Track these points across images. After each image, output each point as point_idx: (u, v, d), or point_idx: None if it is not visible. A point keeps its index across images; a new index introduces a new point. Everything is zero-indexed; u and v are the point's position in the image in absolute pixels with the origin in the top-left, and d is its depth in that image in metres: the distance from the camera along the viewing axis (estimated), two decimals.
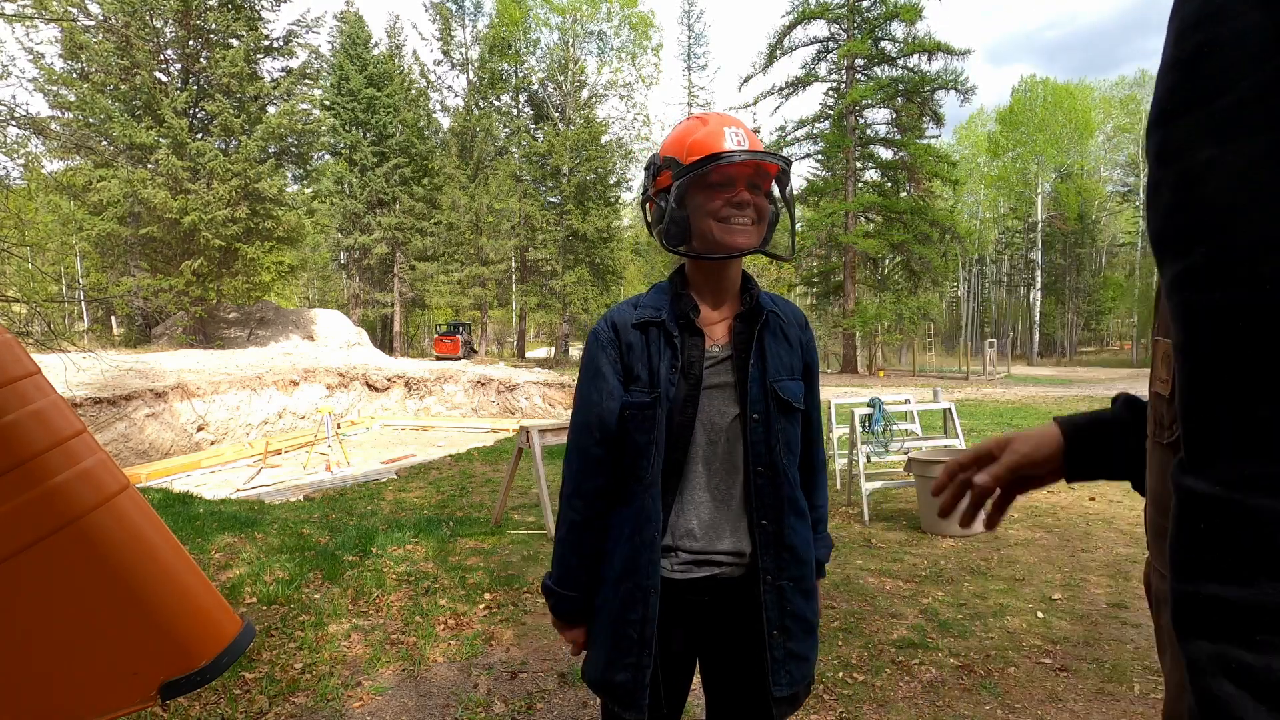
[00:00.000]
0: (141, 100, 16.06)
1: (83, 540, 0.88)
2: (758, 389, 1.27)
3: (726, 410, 1.28)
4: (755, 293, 1.33)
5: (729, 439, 1.28)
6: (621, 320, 1.31)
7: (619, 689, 1.26)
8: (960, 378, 23.17)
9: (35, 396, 0.89)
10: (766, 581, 1.28)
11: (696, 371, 1.27)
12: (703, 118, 1.30)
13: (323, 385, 14.79)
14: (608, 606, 1.29)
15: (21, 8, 10.11)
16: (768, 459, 1.27)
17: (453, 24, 32.57)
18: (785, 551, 1.30)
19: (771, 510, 1.28)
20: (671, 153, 1.29)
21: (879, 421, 5.95)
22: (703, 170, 1.22)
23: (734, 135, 1.25)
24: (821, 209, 26.80)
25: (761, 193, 1.28)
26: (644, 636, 1.24)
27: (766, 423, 1.27)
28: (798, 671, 1.30)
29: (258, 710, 2.67)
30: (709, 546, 1.28)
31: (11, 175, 12.40)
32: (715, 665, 1.37)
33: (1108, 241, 45.96)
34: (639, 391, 1.26)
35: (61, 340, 9.45)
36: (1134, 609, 3.61)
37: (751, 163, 1.24)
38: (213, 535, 4.58)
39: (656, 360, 1.26)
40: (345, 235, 31.24)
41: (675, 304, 1.30)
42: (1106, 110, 40.10)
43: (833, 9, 25.98)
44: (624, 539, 1.27)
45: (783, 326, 1.35)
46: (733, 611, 1.31)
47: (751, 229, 1.26)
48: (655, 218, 1.32)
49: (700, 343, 1.28)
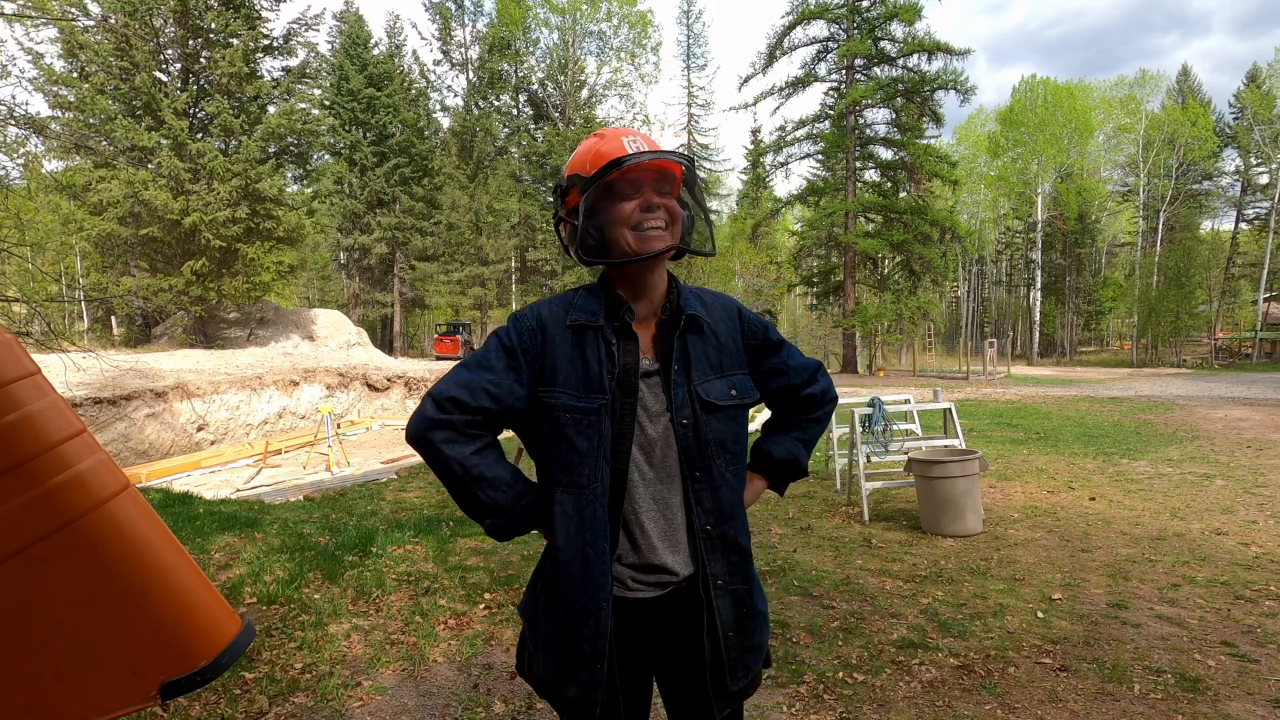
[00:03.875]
0: (141, 101, 16.05)
1: (83, 540, 0.88)
2: (682, 394, 1.27)
3: (658, 417, 1.28)
4: (677, 297, 1.32)
5: (663, 447, 1.27)
6: (552, 317, 1.29)
7: (571, 703, 1.25)
8: (960, 378, 23.17)
9: (35, 397, 0.89)
10: (718, 587, 1.28)
11: (632, 380, 1.26)
12: (600, 134, 1.31)
13: (323, 385, 14.79)
14: (556, 617, 1.26)
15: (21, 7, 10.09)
16: (701, 463, 1.28)
17: (452, 24, 32.57)
18: (734, 554, 1.31)
19: (712, 514, 1.28)
20: (575, 170, 1.30)
21: (879, 421, 5.95)
22: (607, 178, 1.23)
23: (632, 143, 1.26)
24: (821, 209, 26.80)
25: (670, 195, 1.29)
26: (596, 650, 1.22)
27: (695, 427, 1.27)
28: (753, 660, 1.33)
29: (258, 710, 2.67)
30: (656, 559, 1.28)
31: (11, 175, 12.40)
32: (670, 670, 1.37)
33: (1108, 241, 45.97)
34: (568, 394, 1.24)
35: (61, 340, 9.45)
36: (1134, 609, 3.61)
37: (655, 166, 1.25)
38: (213, 535, 4.58)
39: (595, 365, 1.25)
40: (345, 235, 31.26)
41: (610, 308, 1.29)
42: (1107, 110, 40.07)
43: (832, 9, 25.96)
44: (574, 552, 1.23)
45: (709, 324, 1.34)
46: (683, 617, 1.31)
47: (665, 231, 1.26)
48: (569, 237, 1.31)
49: (635, 349, 1.28)
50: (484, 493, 1.24)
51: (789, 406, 1.51)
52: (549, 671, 1.27)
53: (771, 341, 1.43)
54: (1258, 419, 11.32)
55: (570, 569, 1.23)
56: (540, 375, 1.26)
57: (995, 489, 6.57)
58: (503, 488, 1.25)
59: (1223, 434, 9.80)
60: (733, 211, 42.67)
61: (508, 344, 1.27)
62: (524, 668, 1.36)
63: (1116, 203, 43.86)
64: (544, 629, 1.29)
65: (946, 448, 5.79)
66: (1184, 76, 43.66)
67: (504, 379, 1.24)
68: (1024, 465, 7.78)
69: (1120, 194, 42.95)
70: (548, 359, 1.26)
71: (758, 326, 1.43)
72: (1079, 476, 7.12)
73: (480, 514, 1.26)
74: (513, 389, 1.24)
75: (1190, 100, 39.54)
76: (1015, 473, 7.35)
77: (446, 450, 1.21)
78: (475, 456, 1.23)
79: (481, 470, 1.23)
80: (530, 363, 1.26)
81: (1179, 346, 35.61)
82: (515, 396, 1.25)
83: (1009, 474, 7.29)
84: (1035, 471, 7.40)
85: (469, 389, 1.22)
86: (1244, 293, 40.90)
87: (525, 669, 1.36)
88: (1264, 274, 35.05)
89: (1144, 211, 38.50)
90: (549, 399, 1.24)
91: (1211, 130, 37.45)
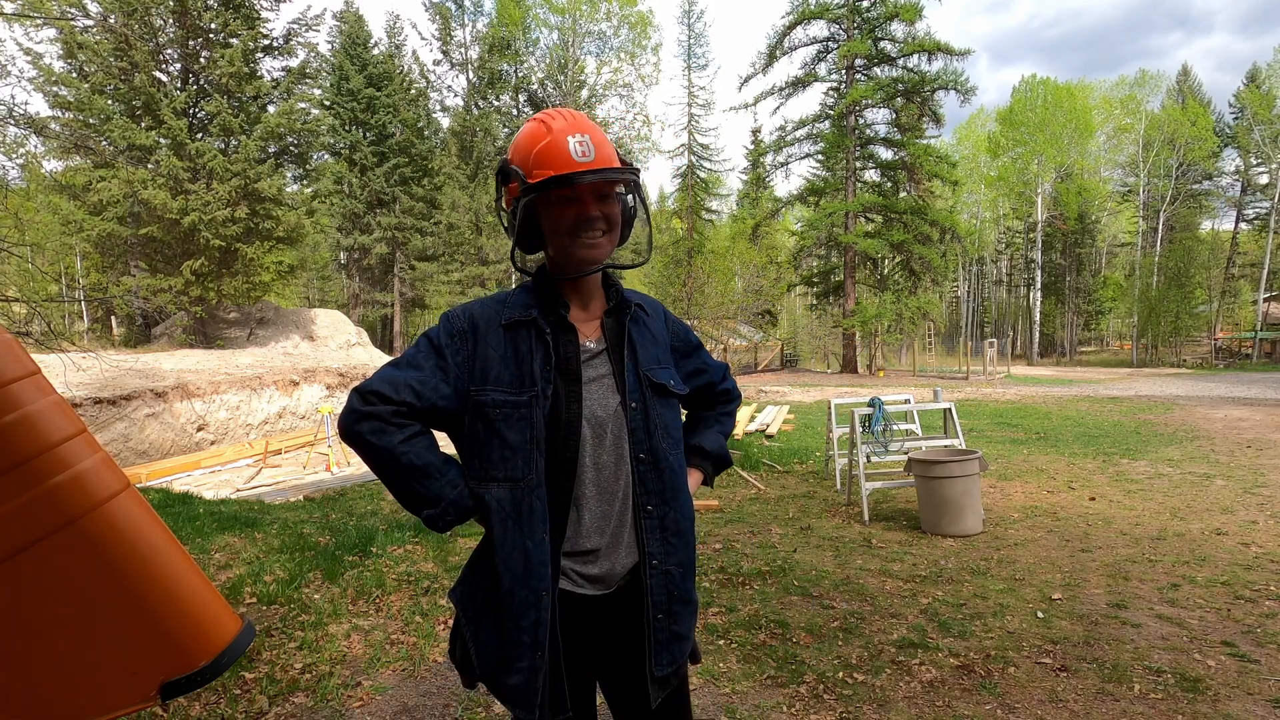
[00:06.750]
0: (141, 100, 16.04)
1: (83, 540, 0.88)
2: (633, 378, 1.31)
3: (608, 401, 1.29)
4: (619, 288, 1.37)
5: (614, 431, 1.29)
6: (485, 317, 1.30)
7: (511, 690, 1.25)
8: (960, 378, 23.16)
9: (35, 397, 0.89)
10: (653, 566, 1.29)
11: (574, 368, 1.28)
12: (546, 120, 1.26)
13: (323, 385, 14.78)
14: (496, 608, 1.25)
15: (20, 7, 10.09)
16: (648, 445, 1.30)
17: (452, 24, 32.53)
18: (673, 536, 1.32)
19: (655, 495, 1.30)
20: (516, 163, 1.28)
21: (879, 421, 5.96)
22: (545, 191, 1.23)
23: (578, 144, 1.23)
24: (821, 209, 26.76)
25: (611, 199, 1.29)
26: (537, 640, 1.22)
27: (644, 410, 1.30)
28: (679, 650, 1.34)
29: (258, 710, 2.67)
30: (599, 544, 1.28)
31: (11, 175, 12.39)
32: (610, 658, 1.37)
33: (1108, 241, 45.95)
34: (499, 391, 1.25)
35: (61, 340, 9.44)
36: (1134, 609, 3.61)
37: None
38: (213, 535, 4.58)
39: (529, 360, 1.26)
40: (345, 235, 31.23)
41: (546, 302, 1.31)
42: (1107, 110, 40.06)
43: (833, 9, 25.94)
44: (513, 546, 1.23)
45: (646, 320, 1.40)
46: (622, 601, 1.32)
47: (603, 240, 1.27)
48: (509, 225, 1.32)
49: (574, 339, 1.30)
50: (417, 483, 1.24)
51: (708, 402, 1.59)
52: (489, 661, 1.27)
53: (693, 344, 1.52)
54: (1258, 419, 11.32)
55: (510, 563, 1.23)
56: (472, 375, 1.27)
57: (995, 489, 6.57)
58: (434, 475, 1.24)
59: (1223, 434, 9.80)
60: (733, 211, 42.65)
61: (437, 344, 1.28)
62: (457, 654, 1.35)
63: (1116, 203, 43.84)
64: (483, 618, 1.28)
65: (946, 448, 5.79)
66: (1184, 76, 43.65)
67: (429, 378, 1.25)
68: (1024, 465, 7.78)
69: (1120, 194, 42.94)
70: (479, 358, 1.27)
71: (680, 329, 1.51)
72: (1079, 476, 7.12)
73: (416, 505, 1.26)
74: (438, 387, 1.25)
75: (1190, 100, 39.50)
76: (1015, 473, 7.35)
77: (375, 440, 1.21)
78: (403, 445, 1.22)
79: (410, 458, 1.22)
80: (460, 363, 1.27)
81: (1179, 346, 35.60)
82: (440, 395, 1.25)
83: (1009, 474, 7.29)
84: (1035, 471, 7.40)
85: (392, 384, 1.23)
86: (1244, 293, 40.87)
87: (459, 656, 1.35)
88: (1264, 274, 35.02)
89: (1144, 211, 38.48)
90: (480, 397, 1.25)
91: (1211, 130, 37.41)
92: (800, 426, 11.80)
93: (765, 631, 3.38)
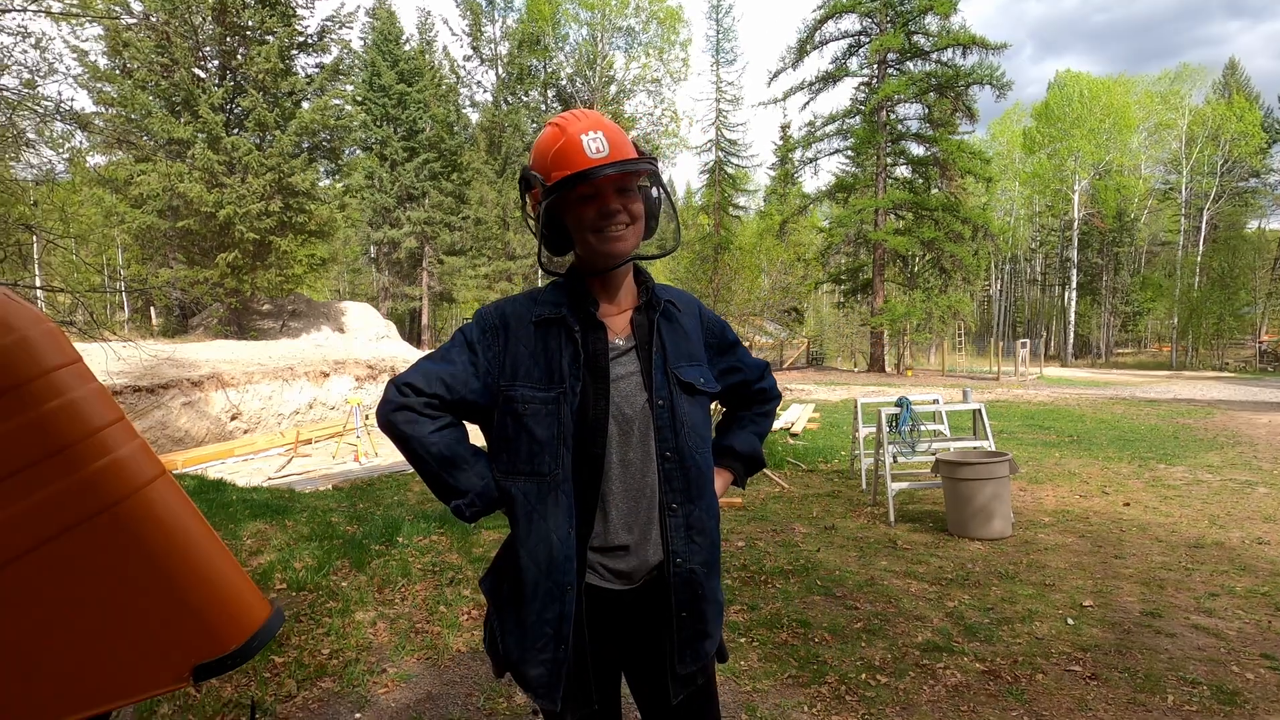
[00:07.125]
0: (180, 96, 16.43)
1: (121, 524, 0.90)
2: (660, 375, 1.31)
3: (635, 399, 1.29)
4: (650, 285, 1.37)
5: (641, 428, 1.29)
6: (516, 314, 1.32)
7: (534, 681, 1.26)
8: (991, 378, 22.74)
9: (77, 384, 0.91)
10: (677, 565, 1.30)
11: (602, 364, 1.28)
12: (561, 124, 1.27)
13: (352, 377, 15.02)
14: (521, 600, 1.27)
15: (68, 6, 10.40)
16: (674, 443, 1.30)
17: (483, 20, 32.74)
18: (698, 535, 1.32)
19: (680, 494, 1.30)
20: (536, 168, 1.29)
21: (906, 421, 5.87)
22: (565, 190, 1.23)
23: (593, 141, 1.23)
24: (851, 205, 26.43)
25: (632, 193, 1.29)
26: (560, 633, 1.24)
27: (671, 408, 1.30)
28: (702, 648, 1.33)
29: (287, 693, 2.73)
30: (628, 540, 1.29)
31: (57, 169, 12.77)
32: (636, 654, 1.38)
33: (1148, 240, 44.66)
34: (528, 386, 1.26)
35: (103, 330, 9.72)
36: (1169, 618, 3.52)
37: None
38: (244, 522, 4.68)
39: (558, 356, 1.28)
40: (375, 229, 31.66)
41: (575, 300, 1.32)
42: (1148, 105, 38.87)
43: (865, 2, 25.55)
44: (538, 539, 1.24)
45: (678, 315, 1.38)
46: (647, 597, 1.33)
47: (627, 232, 1.27)
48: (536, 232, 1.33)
49: (603, 336, 1.30)
50: (445, 472, 1.26)
51: (743, 402, 1.57)
52: (513, 651, 1.29)
53: (729, 340, 1.50)
54: None
55: (535, 556, 1.25)
56: (502, 370, 1.29)
57: (1025, 492, 6.44)
58: (463, 466, 1.26)
59: (1267, 440, 9.48)
60: (760, 208, 42.30)
61: (469, 339, 1.31)
62: (487, 642, 1.38)
63: (1157, 200, 42.58)
64: (509, 609, 1.31)
65: (975, 449, 5.69)
66: (1230, 70, 42.19)
67: (460, 372, 1.28)
68: (1056, 468, 7.62)
69: (1161, 191, 41.70)
70: (510, 354, 1.29)
71: (716, 325, 1.49)
72: (1113, 481, 6.95)
73: (445, 494, 1.28)
74: (468, 381, 1.27)
75: (1236, 95, 38.17)
76: (1046, 476, 7.20)
77: (407, 430, 1.24)
78: (434, 435, 1.25)
79: (440, 448, 1.25)
80: (491, 359, 1.29)
81: (1221, 349, 34.47)
82: (470, 389, 1.28)
83: (1040, 477, 7.14)
84: (1067, 475, 7.24)
85: (425, 377, 1.26)
86: None
87: (488, 644, 1.37)
88: None
89: (1186, 210, 37.32)
90: (510, 392, 1.27)
91: (1259, 125, 36.10)
92: (826, 425, 11.69)
93: (787, 630, 3.36)
